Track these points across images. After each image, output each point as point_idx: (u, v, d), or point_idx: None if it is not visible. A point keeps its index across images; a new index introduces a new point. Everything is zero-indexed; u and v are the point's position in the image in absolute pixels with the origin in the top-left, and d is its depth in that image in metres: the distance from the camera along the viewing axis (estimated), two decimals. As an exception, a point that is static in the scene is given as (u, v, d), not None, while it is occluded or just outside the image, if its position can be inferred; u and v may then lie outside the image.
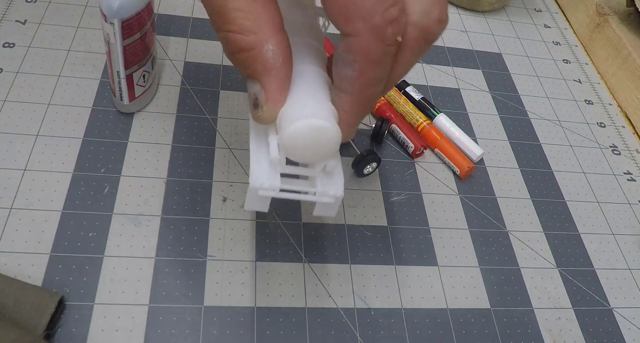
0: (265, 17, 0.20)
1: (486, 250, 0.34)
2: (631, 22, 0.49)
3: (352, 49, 0.20)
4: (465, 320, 0.31)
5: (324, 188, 0.22)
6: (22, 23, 0.38)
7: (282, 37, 0.20)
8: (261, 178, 0.21)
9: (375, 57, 0.20)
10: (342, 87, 0.21)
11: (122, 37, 0.29)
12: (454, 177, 0.37)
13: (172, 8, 0.42)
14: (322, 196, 0.22)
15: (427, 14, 0.21)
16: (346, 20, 0.19)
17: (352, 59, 0.20)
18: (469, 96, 0.43)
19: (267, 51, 0.20)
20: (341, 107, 0.21)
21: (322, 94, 0.21)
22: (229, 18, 0.20)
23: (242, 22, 0.20)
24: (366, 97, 0.21)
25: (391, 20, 0.19)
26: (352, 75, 0.20)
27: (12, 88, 0.34)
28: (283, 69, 0.20)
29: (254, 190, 0.21)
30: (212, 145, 0.34)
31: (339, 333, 0.29)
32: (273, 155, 0.21)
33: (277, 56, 0.20)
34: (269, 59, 0.20)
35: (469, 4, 0.50)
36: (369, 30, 0.19)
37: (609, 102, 0.47)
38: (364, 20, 0.19)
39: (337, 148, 0.21)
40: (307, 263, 0.31)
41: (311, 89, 0.21)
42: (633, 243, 0.37)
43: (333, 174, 0.22)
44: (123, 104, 0.34)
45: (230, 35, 0.20)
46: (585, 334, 0.32)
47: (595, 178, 0.40)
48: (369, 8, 0.19)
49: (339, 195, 0.22)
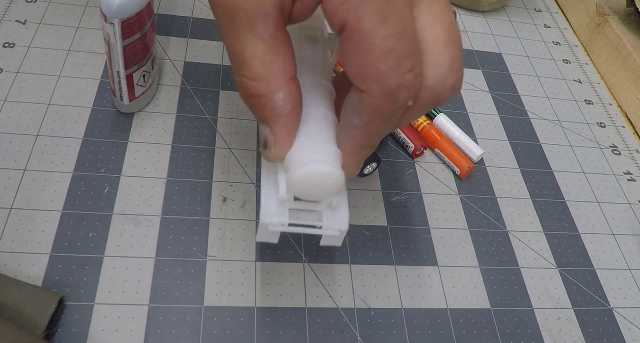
0: (279, 66, 0.21)
1: (486, 250, 0.34)
2: (631, 22, 0.49)
3: (364, 103, 0.21)
4: (465, 320, 0.31)
5: (330, 223, 0.23)
6: (22, 23, 0.38)
7: (293, 86, 0.21)
8: (270, 215, 0.23)
9: (383, 115, 0.21)
10: (347, 130, 0.22)
11: (122, 37, 0.29)
12: (454, 177, 0.37)
13: (172, 8, 0.42)
14: (328, 229, 0.23)
15: (443, 81, 0.21)
16: (361, 79, 0.20)
17: (361, 111, 0.21)
18: (469, 96, 0.43)
19: (277, 99, 0.21)
20: (344, 149, 0.22)
21: (328, 138, 0.22)
22: (246, 64, 0.21)
23: (257, 70, 0.21)
24: (368, 143, 0.22)
25: (405, 86, 0.20)
26: (359, 125, 0.21)
27: (12, 88, 0.34)
28: (291, 116, 0.21)
29: (264, 225, 0.23)
30: (212, 145, 0.34)
31: (339, 333, 0.29)
32: (281, 194, 0.22)
33: (287, 105, 0.21)
34: (278, 107, 0.21)
35: (469, 4, 0.50)
36: (382, 92, 0.20)
37: (609, 102, 0.47)
38: (378, 82, 0.20)
39: (341, 188, 0.22)
40: (307, 263, 0.31)
41: (318, 133, 0.22)
42: (633, 243, 0.37)
43: (338, 209, 0.24)
44: (123, 104, 0.34)
45: (245, 81, 0.21)
46: (585, 334, 0.32)
47: (595, 178, 0.40)
48: (384, 71, 0.19)
49: (343, 229, 0.23)
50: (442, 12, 0.21)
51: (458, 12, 0.50)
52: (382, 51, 0.19)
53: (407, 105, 0.21)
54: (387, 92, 0.20)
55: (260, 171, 0.24)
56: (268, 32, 0.20)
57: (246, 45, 0.21)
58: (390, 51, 0.19)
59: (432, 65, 0.21)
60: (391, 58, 0.19)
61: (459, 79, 0.22)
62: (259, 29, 0.20)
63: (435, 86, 0.21)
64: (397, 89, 0.20)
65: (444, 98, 0.22)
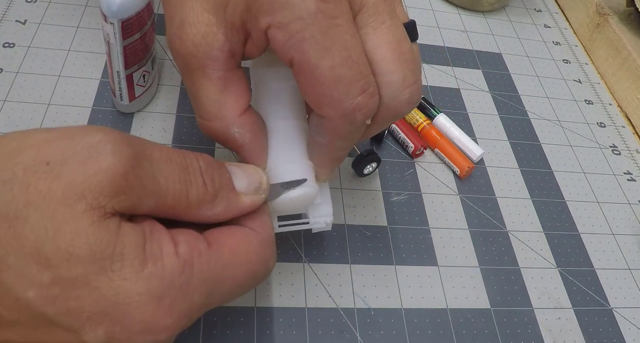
0: (230, 104, 0.23)
1: (486, 250, 0.34)
2: (631, 22, 0.49)
3: (324, 126, 0.22)
4: (465, 320, 0.31)
5: (316, 219, 0.26)
6: (22, 23, 0.38)
7: (245, 119, 0.23)
8: None
9: (343, 135, 0.23)
10: (314, 148, 0.24)
11: (122, 37, 0.29)
12: (454, 177, 0.37)
13: (172, 8, 0.42)
14: (315, 224, 0.26)
15: (396, 97, 0.22)
16: (318, 106, 0.22)
17: (323, 133, 0.23)
18: (469, 96, 0.43)
19: (234, 133, 0.23)
20: (315, 162, 0.25)
21: (300, 151, 0.25)
22: (200, 105, 0.23)
23: (210, 110, 0.23)
24: (335, 157, 0.25)
25: (360, 108, 0.21)
26: (323, 143, 0.23)
27: (12, 88, 0.34)
28: (252, 143, 0.23)
29: None
30: (212, 145, 0.34)
31: (339, 333, 0.29)
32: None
33: (244, 135, 0.23)
34: (237, 140, 0.23)
35: (469, 4, 0.50)
36: (339, 116, 0.21)
37: (609, 102, 0.47)
38: (334, 108, 0.21)
39: (316, 197, 0.25)
40: (307, 263, 0.31)
41: (288, 150, 0.24)
42: (633, 244, 0.37)
43: (320, 206, 0.26)
44: (123, 104, 0.34)
45: (202, 122, 0.23)
46: (585, 334, 0.32)
47: (595, 178, 0.40)
48: (337, 98, 0.21)
49: (329, 221, 0.26)
50: (387, 32, 0.22)
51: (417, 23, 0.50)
52: (331, 80, 0.21)
53: (366, 124, 0.22)
54: (343, 115, 0.21)
55: None
56: (217, 75, 0.22)
57: (199, 87, 0.23)
58: (338, 79, 0.20)
59: (385, 84, 0.22)
60: (341, 85, 0.21)
61: (415, 92, 0.23)
62: (209, 72, 0.22)
63: (390, 103, 0.22)
64: (352, 111, 0.21)
65: (401, 113, 0.23)
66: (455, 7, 0.51)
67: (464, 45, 0.47)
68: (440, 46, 0.46)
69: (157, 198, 0.19)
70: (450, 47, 0.47)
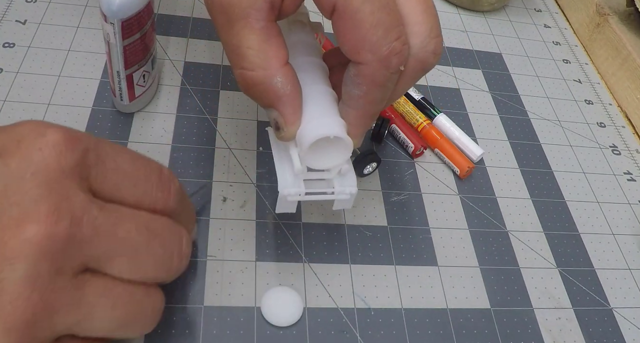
0: (273, 54, 0.23)
1: (486, 250, 0.34)
2: (631, 22, 0.49)
3: (361, 74, 0.23)
4: (465, 320, 0.31)
5: (341, 188, 0.26)
6: (22, 23, 0.38)
7: (288, 69, 0.23)
8: (287, 186, 0.25)
9: (380, 82, 0.23)
10: (349, 103, 0.24)
11: (122, 37, 0.29)
12: (454, 177, 0.37)
13: (172, 8, 0.42)
14: (340, 194, 0.26)
15: (425, 47, 0.24)
16: (356, 52, 0.23)
17: (360, 82, 0.23)
18: (469, 96, 0.43)
19: (277, 83, 0.23)
20: (348, 120, 0.25)
21: (332, 111, 0.25)
22: (243, 56, 0.23)
23: (253, 60, 0.23)
24: (369, 113, 0.25)
25: (396, 52, 0.23)
26: (359, 95, 0.24)
27: (12, 88, 0.34)
28: (292, 95, 0.23)
29: (283, 196, 0.25)
30: (212, 145, 0.34)
31: (339, 333, 0.29)
32: (296, 166, 0.24)
33: (286, 86, 0.23)
34: (279, 90, 0.23)
35: (469, 4, 0.50)
36: (376, 60, 0.23)
37: (609, 102, 0.47)
38: (372, 52, 0.22)
39: (349, 154, 0.25)
40: (307, 263, 0.31)
41: (322, 108, 0.24)
42: (633, 244, 0.37)
43: (346, 176, 0.26)
44: (123, 104, 0.34)
45: (245, 73, 0.23)
46: (585, 334, 0.32)
47: (595, 178, 0.40)
48: (376, 42, 0.22)
49: (354, 192, 0.26)
50: None
51: None
52: (371, 24, 0.22)
53: (399, 71, 0.23)
54: (381, 59, 0.22)
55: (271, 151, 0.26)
56: (260, 25, 0.23)
57: (241, 38, 0.23)
58: (378, 23, 0.22)
59: (413, 34, 0.24)
60: (380, 29, 0.22)
61: (439, 44, 0.24)
62: (252, 23, 0.23)
63: (419, 53, 0.24)
64: (388, 55, 0.22)
65: (428, 63, 0.25)
66: (455, 7, 0.51)
67: (464, 45, 0.47)
68: (440, 46, 0.46)
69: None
70: (450, 47, 0.47)
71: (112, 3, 0.28)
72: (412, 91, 0.40)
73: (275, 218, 0.32)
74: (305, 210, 0.33)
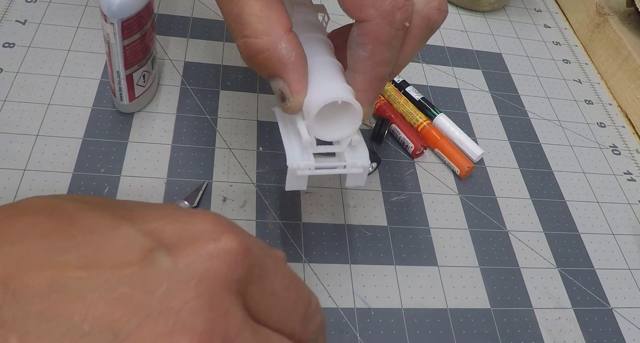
0: (276, 20, 0.22)
1: (486, 250, 0.34)
2: (631, 22, 0.49)
3: (365, 32, 0.22)
4: (465, 320, 0.31)
5: (353, 161, 0.24)
6: (22, 23, 0.38)
7: (292, 36, 0.23)
8: (297, 160, 0.23)
9: (385, 40, 0.22)
10: (355, 67, 0.23)
11: (122, 37, 0.29)
12: (454, 177, 0.37)
13: (172, 8, 0.42)
14: (352, 167, 0.24)
15: (428, 2, 0.23)
16: (359, 8, 0.22)
17: (365, 42, 0.23)
18: (469, 96, 0.43)
19: (281, 49, 0.22)
20: (356, 87, 0.24)
21: (338, 79, 0.24)
22: (245, 24, 0.22)
23: (256, 26, 0.22)
24: (377, 76, 0.24)
25: (399, 7, 0.22)
26: (365, 56, 0.23)
27: (12, 88, 0.34)
28: (298, 62, 0.23)
29: (292, 171, 0.23)
30: (212, 145, 0.34)
31: (339, 333, 0.29)
32: (305, 137, 0.23)
33: (291, 52, 0.22)
34: (284, 56, 0.22)
35: (469, 4, 0.50)
36: (380, 16, 0.22)
37: (609, 102, 0.47)
38: (375, 7, 0.22)
39: (359, 123, 0.24)
40: (307, 263, 0.31)
41: (327, 76, 0.24)
42: (633, 243, 0.37)
43: (358, 148, 0.25)
44: (123, 104, 0.34)
45: (248, 40, 0.22)
46: (585, 334, 0.32)
47: (595, 178, 0.40)
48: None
49: (366, 165, 0.24)
50: None
51: None
52: None
53: (404, 27, 0.23)
54: (384, 14, 0.22)
55: (279, 128, 0.25)
56: None
57: (243, 5, 0.22)
58: None
59: None
60: None
61: (444, 1, 0.24)
62: None
63: (423, 9, 0.23)
64: (392, 10, 0.22)
65: (433, 20, 0.24)
66: (455, 7, 0.51)
67: (464, 45, 0.47)
68: (440, 46, 0.46)
69: None
70: (450, 47, 0.47)
71: (112, 3, 0.28)
72: (412, 91, 0.40)
73: (275, 218, 0.32)
74: (305, 210, 0.33)
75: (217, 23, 0.42)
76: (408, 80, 0.41)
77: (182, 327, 0.16)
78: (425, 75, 0.43)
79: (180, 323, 0.16)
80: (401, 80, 0.40)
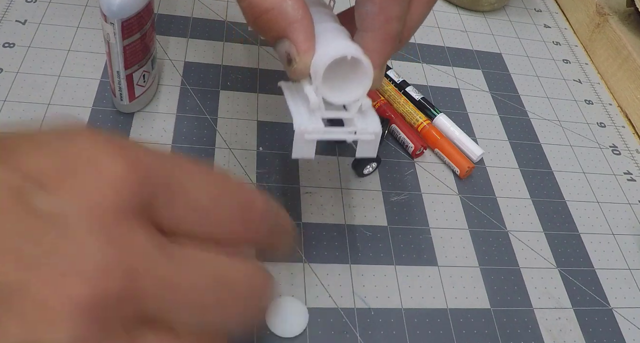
0: None
1: (486, 250, 0.34)
2: (631, 22, 0.49)
3: None
4: (465, 320, 0.31)
5: (363, 126, 0.23)
6: (22, 23, 0.38)
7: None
8: (304, 123, 0.22)
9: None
10: (364, 25, 0.23)
11: (122, 37, 0.29)
12: (454, 177, 0.37)
13: (172, 8, 0.42)
14: (363, 133, 0.23)
15: None
16: None
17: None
18: (469, 96, 0.43)
19: (287, 7, 0.22)
20: (365, 47, 0.23)
21: (347, 39, 0.23)
22: None
23: None
24: (388, 35, 0.23)
25: None
26: (374, 11, 0.22)
27: (12, 88, 0.34)
28: (305, 20, 0.22)
29: (300, 134, 0.22)
30: (212, 145, 0.34)
31: (339, 333, 0.29)
32: (312, 100, 0.22)
33: (297, 10, 0.22)
34: (290, 14, 0.22)
35: (469, 4, 0.50)
36: None
37: (609, 102, 0.47)
38: None
39: (370, 83, 0.23)
40: (307, 263, 0.31)
41: (336, 38, 0.23)
42: (633, 243, 0.37)
43: (368, 114, 0.24)
44: (123, 104, 0.34)
45: (252, 0, 0.22)
46: (585, 334, 0.32)
47: (595, 178, 0.40)
48: None
49: (377, 131, 0.23)
50: None
51: None
52: None
53: None
54: None
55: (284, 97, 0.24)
56: None
57: None
58: None
59: None
60: None
61: None
62: None
63: None
64: None
65: None
66: (455, 7, 0.51)
67: (464, 45, 0.47)
68: (440, 46, 0.46)
69: None
70: (450, 47, 0.47)
71: (112, 3, 0.28)
72: (412, 91, 0.40)
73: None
74: (305, 210, 0.33)
75: (217, 23, 0.42)
76: (408, 80, 0.41)
77: (72, 270, 0.15)
78: (425, 75, 0.43)
79: (70, 265, 0.15)
80: (401, 80, 0.40)
